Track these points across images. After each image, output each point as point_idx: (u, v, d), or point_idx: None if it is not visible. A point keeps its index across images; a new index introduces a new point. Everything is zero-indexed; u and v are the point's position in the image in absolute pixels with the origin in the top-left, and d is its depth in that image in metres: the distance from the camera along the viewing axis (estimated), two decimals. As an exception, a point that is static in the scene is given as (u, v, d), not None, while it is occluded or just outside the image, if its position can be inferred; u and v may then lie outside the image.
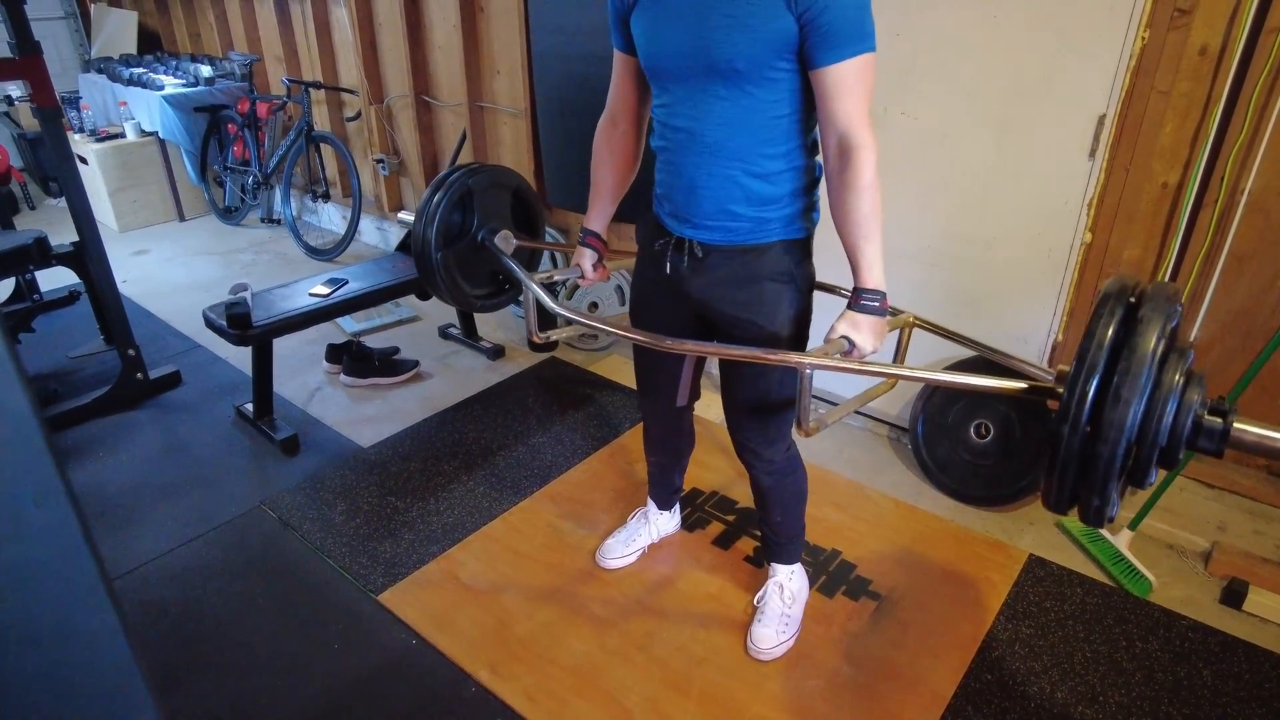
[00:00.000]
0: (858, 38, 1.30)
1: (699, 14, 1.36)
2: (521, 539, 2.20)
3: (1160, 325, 1.04)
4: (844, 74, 1.31)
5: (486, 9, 3.37)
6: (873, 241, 1.40)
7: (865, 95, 1.34)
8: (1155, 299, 1.07)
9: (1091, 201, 2.14)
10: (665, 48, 1.43)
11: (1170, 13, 1.90)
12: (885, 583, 2.04)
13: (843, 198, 1.39)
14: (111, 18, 5.57)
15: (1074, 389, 1.06)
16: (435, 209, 1.95)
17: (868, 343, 1.42)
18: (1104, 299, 1.09)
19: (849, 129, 1.34)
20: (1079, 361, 1.06)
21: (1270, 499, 2.16)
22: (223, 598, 2.03)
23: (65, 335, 3.35)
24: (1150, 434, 1.04)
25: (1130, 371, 1.02)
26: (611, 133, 1.71)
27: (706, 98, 1.41)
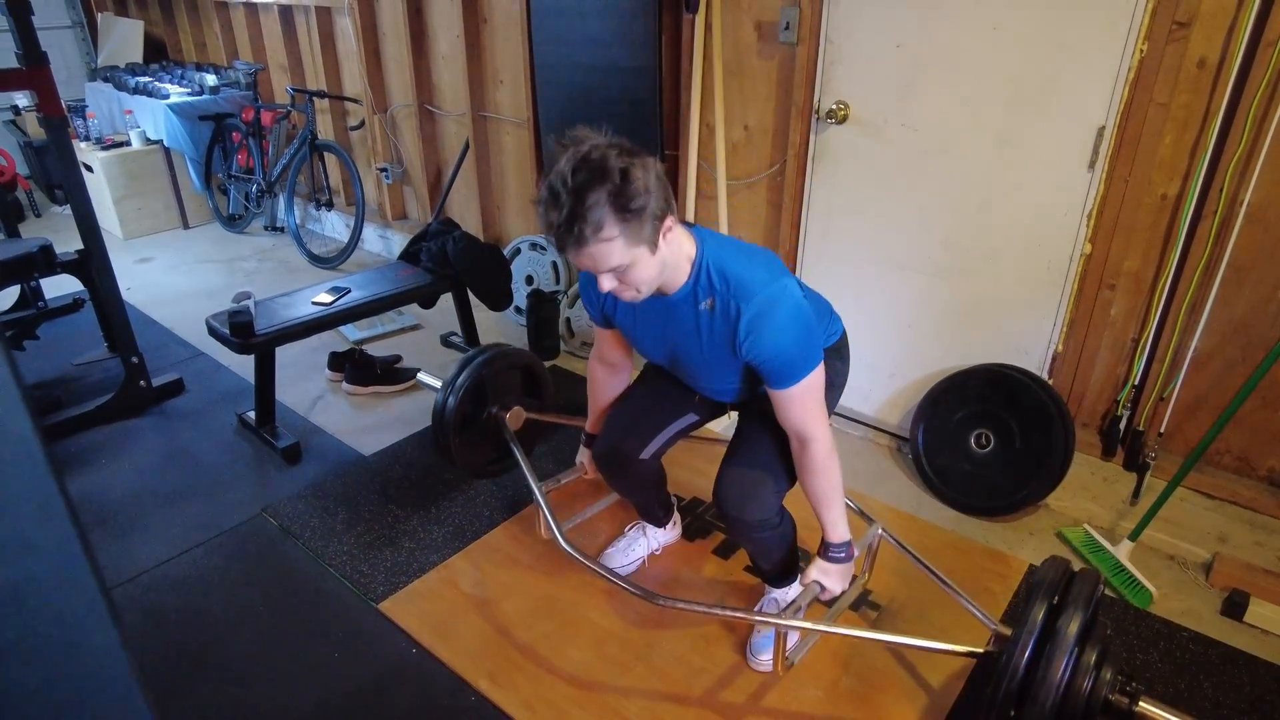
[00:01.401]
0: (796, 371, 1.48)
1: (667, 338, 1.61)
2: (521, 548, 2.20)
3: (1083, 610, 1.35)
4: (790, 396, 1.50)
5: (490, 20, 3.39)
6: (833, 508, 1.61)
7: (812, 401, 1.52)
8: (1079, 587, 1.40)
9: (1091, 213, 2.15)
10: (648, 349, 1.72)
11: (1168, 26, 1.91)
12: (885, 593, 2.04)
13: (803, 477, 1.61)
14: (118, 27, 5.61)
15: (1009, 661, 1.35)
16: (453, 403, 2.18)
17: (836, 586, 1.67)
18: (1037, 583, 1.43)
19: (801, 429, 1.54)
20: (1015, 633, 1.37)
21: (1271, 510, 2.16)
22: (224, 606, 2.04)
23: (69, 342, 3.37)
24: (1071, 702, 1.31)
25: (1056, 651, 1.31)
26: (606, 372, 1.93)
27: (694, 376, 1.70)
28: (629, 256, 1.34)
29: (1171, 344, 2.16)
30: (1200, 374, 2.17)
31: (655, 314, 1.57)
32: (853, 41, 2.37)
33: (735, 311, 1.45)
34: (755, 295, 1.43)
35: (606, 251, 1.32)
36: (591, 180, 1.26)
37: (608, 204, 1.27)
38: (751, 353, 1.47)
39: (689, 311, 1.52)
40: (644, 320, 1.62)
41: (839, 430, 2.79)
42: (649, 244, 1.35)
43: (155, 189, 4.80)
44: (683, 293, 1.49)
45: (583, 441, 2.05)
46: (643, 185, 1.29)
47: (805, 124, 2.51)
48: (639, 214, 1.30)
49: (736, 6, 2.56)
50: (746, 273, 1.45)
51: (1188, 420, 2.24)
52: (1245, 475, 2.22)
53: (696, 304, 1.50)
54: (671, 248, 1.42)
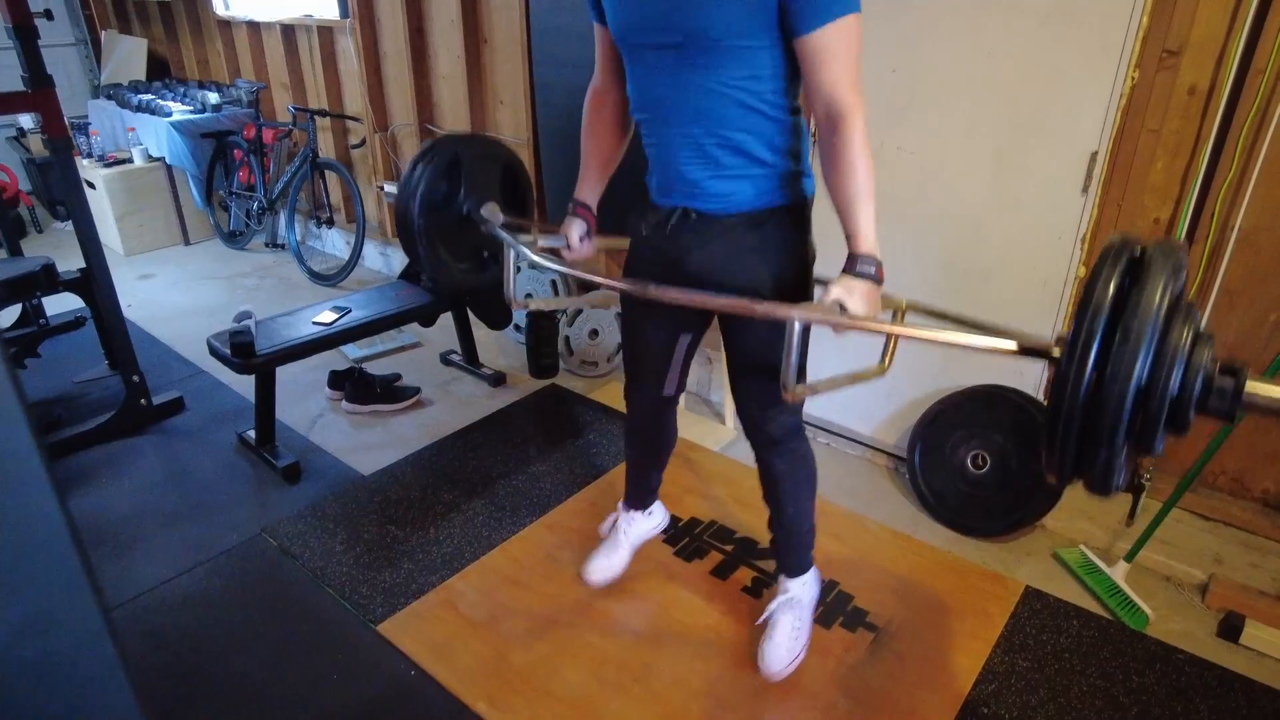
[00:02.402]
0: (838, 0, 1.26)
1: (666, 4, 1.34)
2: (520, 569, 2.21)
3: (1165, 279, 0.98)
4: (827, 40, 1.28)
5: (490, 40, 3.42)
6: (865, 207, 1.37)
7: (851, 59, 1.30)
8: (1160, 253, 1.01)
9: (1085, 236, 2.17)
10: (636, 18, 1.40)
11: (1159, 53, 1.94)
12: (882, 614, 2.05)
13: (833, 164, 1.36)
14: (122, 45, 5.65)
15: (1077, 339, 0.99)
16: (419, 177, 1.84)
17: (861, 308, 1.37)
18: (1105, 254, 1.03)
19: (834, 95, 1.31)
20: (1081, 310, 1.00)
21: (1265, 531, 2.17)
22: (223, 627, 2.04)
23: (70, 360, 3.38)
24: (1158, 390, 0.96)
25: (1137, 321, 0.95)
26: (599, 103, 1.69)
27: (683, 68, 1.39)
28: None
29: (1165, 366, 2.17)
30: (1194, 396, 2.18)
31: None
32: (849, 66, 2.39)
33: None
34: None
35: None
36: None
37: None
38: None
39: None
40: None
41: (837, 450, 2.80)
42: None
43: (157, 206, 4.83)
44: None
45: (569, 209, 1.77)
46: None
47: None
48: None
49: (734, 31, 2.59)
50: None
51: (1182, 441, 2.25)
52: (1240, 496, 2.23)
53: None
54: None
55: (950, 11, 2.17)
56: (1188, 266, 1.02)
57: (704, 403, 3.13)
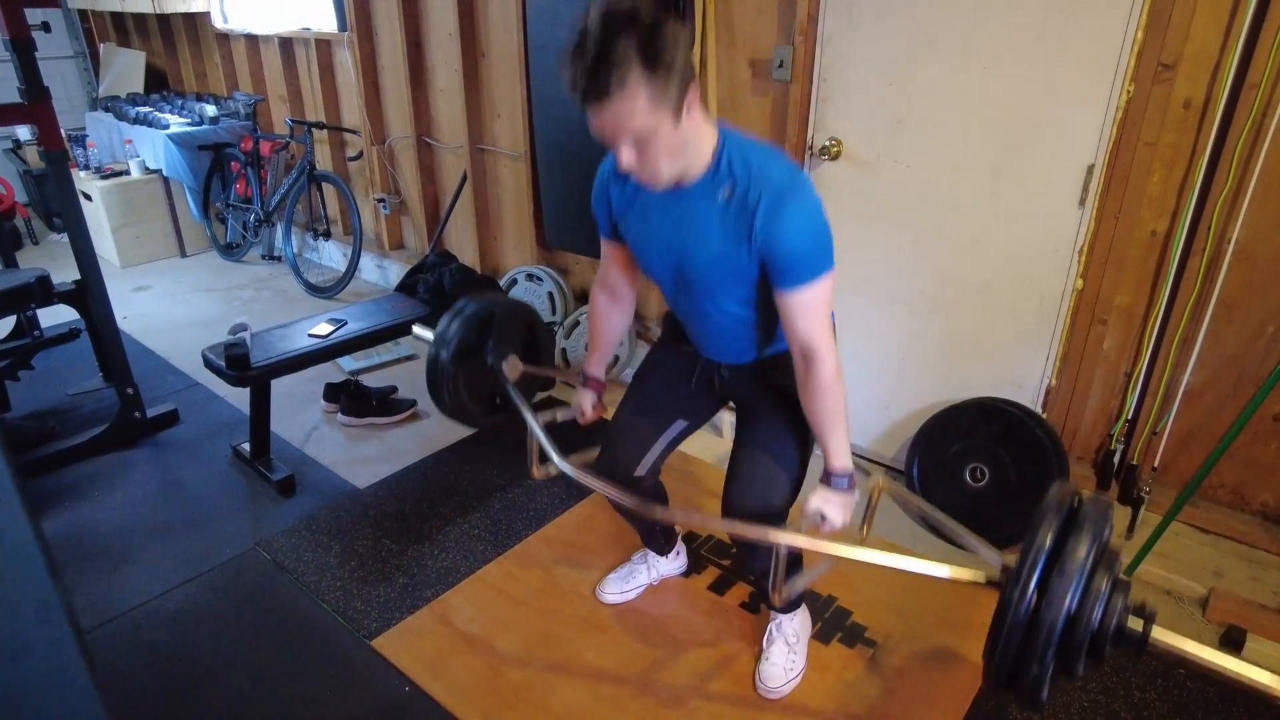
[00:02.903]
0: (811, 267, 1.41)
1: (676, 245, 1.51)
2: (516, 584, 2.19)
3: (1094, 533, 1.20)
4: (802, 298, 1.43)
5: (488, 54, 3.43)
6: (838, 432, 1.54)
7: (823, 311, 1.46)
8: (1092, 509, 1.24)
9: (1082, 249, 2.17)
10: (653, 263, 1.60)
11: (1154, 67, 1.95)
12: (880, 629, 2.03)
13: (808, 396, 1.53)
14: (120, 57, 5.67)
15: (1020, 573, 1.20)
16: (455, 330, 2.06)
17: (838, 517, 1.56)
18: (1048, 504, 1.26)
19: (808, 341, 1.46)
20: (1025, 549, 1.21)
21: (1265, 544, 2.16)
22: (215, 642, 2.02)
23: (64, 372, 3.36)
24: (1082, 622, 1.17)
25: (1070, 565, 1.17)
26: (608, 299, 1.85)
27: (697, 299, 1.58)
28: (652, 120, 1.26)
29: (1164, 378, 2.17)
30: (1193, 408, 2.18)
31: (668, 212, 1.49)
32: (845, 80, 2.40)
33: (755, 199, 1.38)
34: (776, 184, 1.38)
35: (630, 109, 1.24)
36: (621, 27, 1.20)
37: (636, 53, 1.20)
38: (767, 241, 1.39)
39: (705, 204, 1.44)
40: (655, 222, 1.54)
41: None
42: (673, 109, 1.27)
43: (153, 218, 4.82)
44: (702, 181, 1.43)
45: (579, 381, 1.94)
46: (673, 39, 1.23)
47: (799, 160, 2.54)
48: (668, 69, 1.23)
49: (731, 44, 2.60)
50: (768, 164, 1.40)
51: (1181, 454, 2.24)
52: (1239, 509, 2.22)
53: (715, 193, 1.42)
54: (694, 126, 1.35)
55: (947, 26, 2.18)
56: (1113, 521, 1.25)
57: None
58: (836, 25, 2.37)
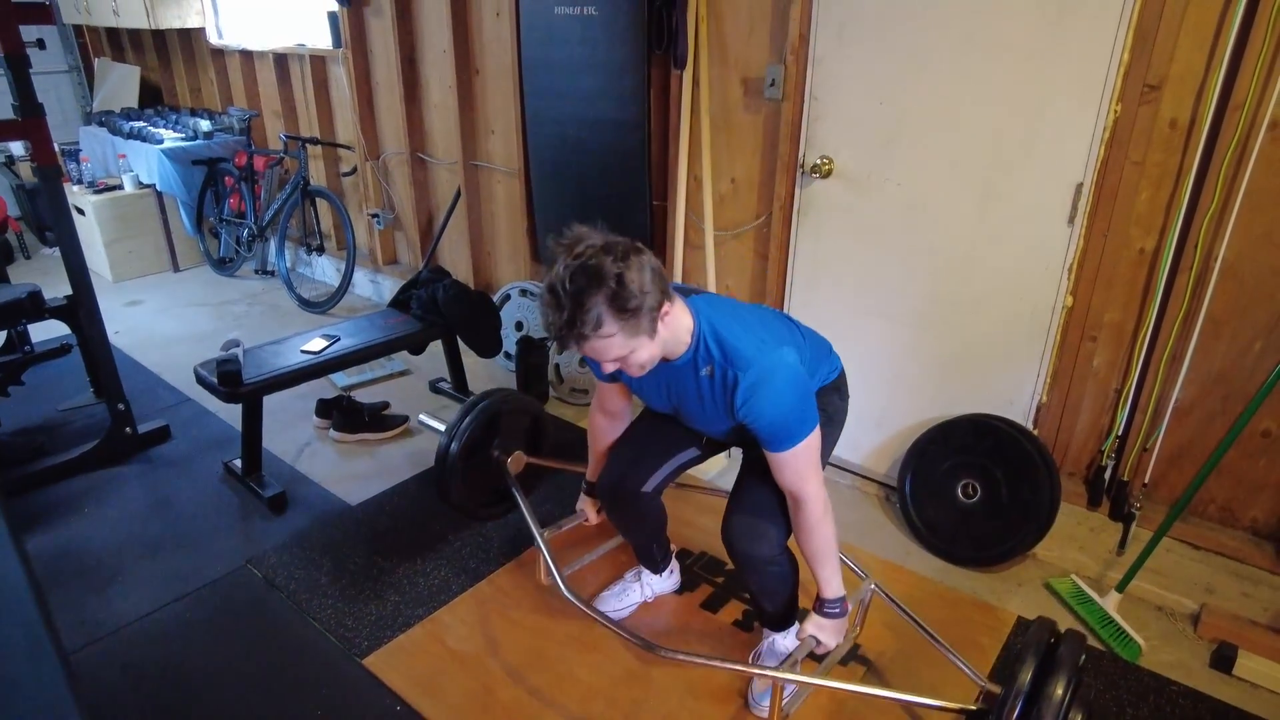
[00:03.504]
0: (791, 437, 1.53)
1: (671, 395, 1.68)
2: (509, 601, 2.18)
3: (1069, 673, 1.38)
4: (784, 459, 1.56)
5: (482, 71, 3.45)
6: (828, 565, 1.66)
7: (807, 464, 1.57)
8: (1067, 648, 1.45)
9: (1072, 266, 2.19)
10: (653, 403, 1.79)
11: (1140, 88, 1.97)
12: (874, 647, 2.03)
13: (798, 535, 1.65)
14: (115, 72, 5.67)
15: (1002, 709, 1.40)
16: (466, 426, 2.23)
17: (831, 640, 1.71)
18: (1027, 643, 1.48)
19: (795, 489, 1.59)
20: (1006, 686, 1.41)
21: (1255, 560, 2.17)
22: (205, 660, 2.00)
23: (55, 387, 3.35)
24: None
25: (1048, 705, 1.35)
26: (606, 420, 1.97)
27: (698, 429, 1.78)
28: (629, 347, 1.42)
29: (1153, 395, 2.19)
30: (1182, 424, 2.19)
31: (659, 375, 1.62)
32: (837, 98, 2.42)
33: (733, 380, 1.51)
34: (750, 365, 1.49)
35: (606, 346, 1.40)
36: (589, 286, 1.34)
37: (606, 306, 1.35)
38: (747, 419, 1.53)
39: (690, 376, 1.58)
40: (649, 380, 1.66)
41: (829, 479, 2.78)
42: (647, 333, 1.42)
43: (146, 232, 4.82)
44: (684, 360, 1.56)
45: (583, 489, 2.10)
46: (638, 286, 1.36)
47: (791, 178, 2.56)
48: (635, 312, 1.37)
49: (723, 63, 2.63)
50: (741, 343, 1.51)
51: (1171, 470, 2.26)
52: (1229, 525, 2.23)
53: (697, 371, 1.56)
54: (670, 328, 1.48)
55: (936, 46, 2.20)
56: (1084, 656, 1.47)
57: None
58: (827, 45, 2.39)
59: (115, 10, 4.84)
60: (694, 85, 2.65)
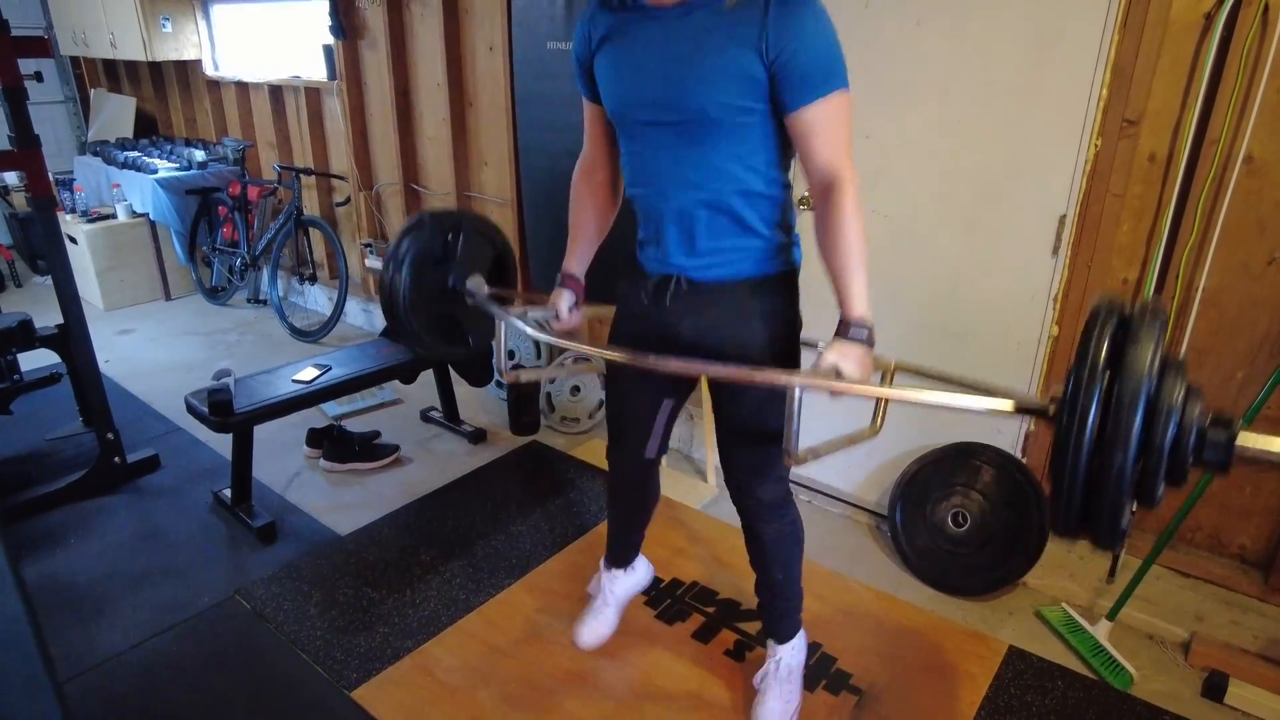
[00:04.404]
0: (828, 77, 1.32)
1: (666, 63, 1.39)
2: (498, 633, 2.17)
3: (1155, 338, 1.02)
4: (818, 115, 1.34)
5: (475, 104, 3.50)
6: (858, 272, 1.40)
7: (842, 132, 1.36)
8: (1147, 313, 1.07)
9: (1057, 296, 2.22)
10: (632, 95, 1.46)
11: (1119, 122, 2.02)
12: (866, 677, 2.02)
13: (827, 229, 1.40)
14: (110, 103, 5.72)
15: (1076, 399, 1.03)
16: (407, 247, 1.84)
17: (855, 372, 1.39)
18: (1095, 314, 1.07)
19: (828, 166, 1.37)
20: (1076, 373, 1.04)
21: (1244, 588, 2.17)
22: (192, 693, 1.98)
23: (44, 416, 3.33)
24: (1155, 445, 1.00)
25: (1131, 381, 0.99)
26: (588, 177, 1.72)
27: (680, 144, 1.44)
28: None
29: (1139, 423, 2.20)
30: (1168, 453, 2.21)
31: (668, 32, 1.39)
32: (824, 132, 2.47)
33: (765, 1, 1.30)
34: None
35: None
36: None
37: None
38: (781, 44, 1.29)
39: (712, 15, 1.34)
40: (653, 44, 1.41)
41: (820, 508, 2.80)
42: None
43: (139, 261, 4.83)
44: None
45: (558, 280, 1.77)
46: None
47: (780, 208, 2.59)
48: None
49: (713, 97, 2.67)
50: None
51: (1159, 498, 2.27)
52: (1217, 553, 2.25)
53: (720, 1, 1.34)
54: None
55: (920, 82, 2.25)
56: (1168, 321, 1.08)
57: (686, 459, 3.13)
58: (815, 80, 2.44)
59: (112, 42, 4.89)
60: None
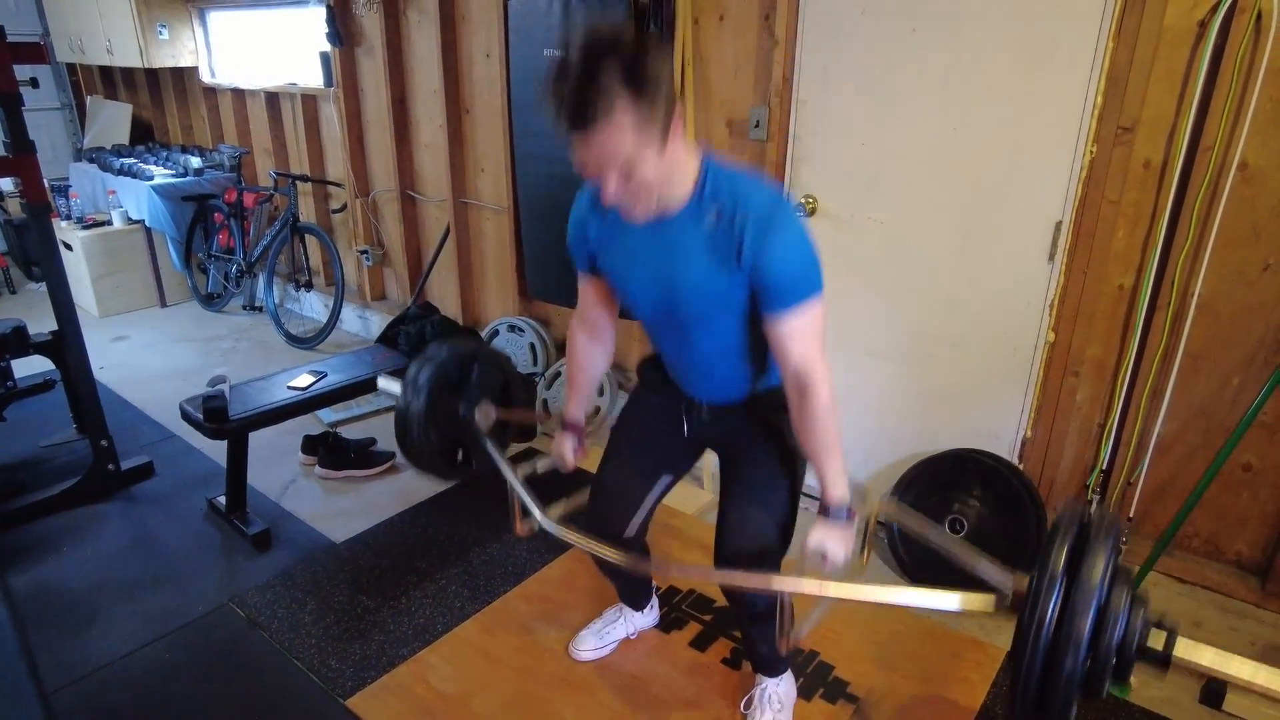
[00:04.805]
0: (801, 289, 1.39)
1: (656, 273, 1.48)
2: (494, 641, 2.15)
3: (1108, 551, 1.16)
4: (791, 322, 1.41)
5: (472, 111, 3.50)
6: (832, 460, 1.50)
7: (814, 335, 1.43)
8: (1102, 526, 1.21)
9: (1053, 302, 2.22)
10: (637, 296, 1.55)
11: (1114, 129, 2.03)
12: (863, 684, 2.01)
13: (803, 424, 1.49)
14: (107, 110, 5.71)
15: (1036, 601, 1.16)
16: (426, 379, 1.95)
17: (839, 552, 1.50)
18: (1056, 525, 1.23)
19: (801, 366, 1.43)
20: (1037, 579, 1.16)
21: (1241, 594, 2.17)
22: (185, 702, 1.96)
23: (37, 423, 3.31)
24: (1103, 648, 1.13)
25: (1084, 589, 1.12)
26: (586, 338, 1.79)
27: (686, 328, 1.53)
28: (638, 147, 1.24)
29: (1136, 429, 2.21)
30: (1165, 458, 2.21)
31: (653, 242, 1.46)
32: (820, 139, 2.47)
33: (742, 222, 1.36)
34: (762, 207, 1.36)
35: (617, 137, 1.21)
36: (604, 53, 1.17)
37: (621, 79, 1.17)
38: (756, 263, 1.36)
39: (691, 230, 1.41)
40: (639, 253, 1.50)
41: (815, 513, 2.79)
42: (660, 133, 1.25)
43: (134, 267, 4.81)
44: (687, 208, 1.41)
45: (558, 426, 1.87)
46: (658, 63, 1.20)
47: (776, 215, 2.60)
48: (653, 94, 1.20)
49: (709, 105, 2.68)
50: (753, 189, 1.38)
51: (1156, 504, 2.27)
52: (1215, 559, 2.24)
53: (700, 218, 1.40)
54: (678, 153, 1.33)
55: (917, 89, 2.26)
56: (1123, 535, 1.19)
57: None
58: (811, 87, 2.45)
59: (109, 49, 4.90)
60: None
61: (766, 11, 2.47)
